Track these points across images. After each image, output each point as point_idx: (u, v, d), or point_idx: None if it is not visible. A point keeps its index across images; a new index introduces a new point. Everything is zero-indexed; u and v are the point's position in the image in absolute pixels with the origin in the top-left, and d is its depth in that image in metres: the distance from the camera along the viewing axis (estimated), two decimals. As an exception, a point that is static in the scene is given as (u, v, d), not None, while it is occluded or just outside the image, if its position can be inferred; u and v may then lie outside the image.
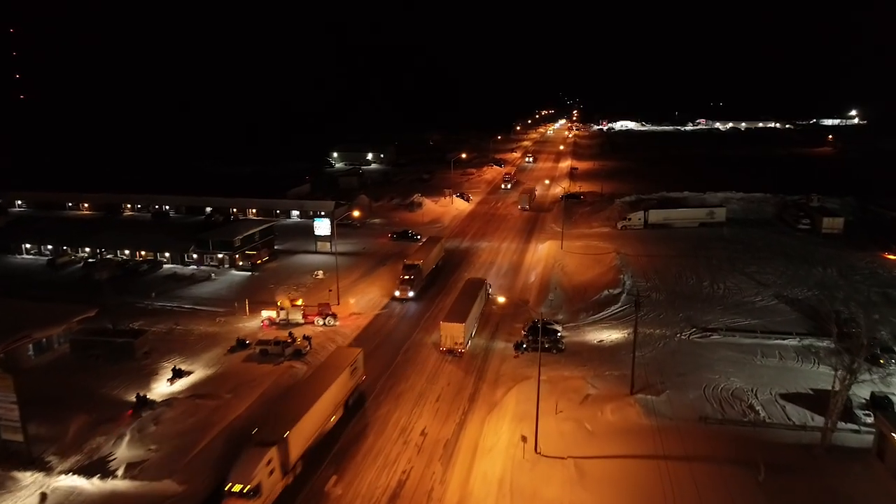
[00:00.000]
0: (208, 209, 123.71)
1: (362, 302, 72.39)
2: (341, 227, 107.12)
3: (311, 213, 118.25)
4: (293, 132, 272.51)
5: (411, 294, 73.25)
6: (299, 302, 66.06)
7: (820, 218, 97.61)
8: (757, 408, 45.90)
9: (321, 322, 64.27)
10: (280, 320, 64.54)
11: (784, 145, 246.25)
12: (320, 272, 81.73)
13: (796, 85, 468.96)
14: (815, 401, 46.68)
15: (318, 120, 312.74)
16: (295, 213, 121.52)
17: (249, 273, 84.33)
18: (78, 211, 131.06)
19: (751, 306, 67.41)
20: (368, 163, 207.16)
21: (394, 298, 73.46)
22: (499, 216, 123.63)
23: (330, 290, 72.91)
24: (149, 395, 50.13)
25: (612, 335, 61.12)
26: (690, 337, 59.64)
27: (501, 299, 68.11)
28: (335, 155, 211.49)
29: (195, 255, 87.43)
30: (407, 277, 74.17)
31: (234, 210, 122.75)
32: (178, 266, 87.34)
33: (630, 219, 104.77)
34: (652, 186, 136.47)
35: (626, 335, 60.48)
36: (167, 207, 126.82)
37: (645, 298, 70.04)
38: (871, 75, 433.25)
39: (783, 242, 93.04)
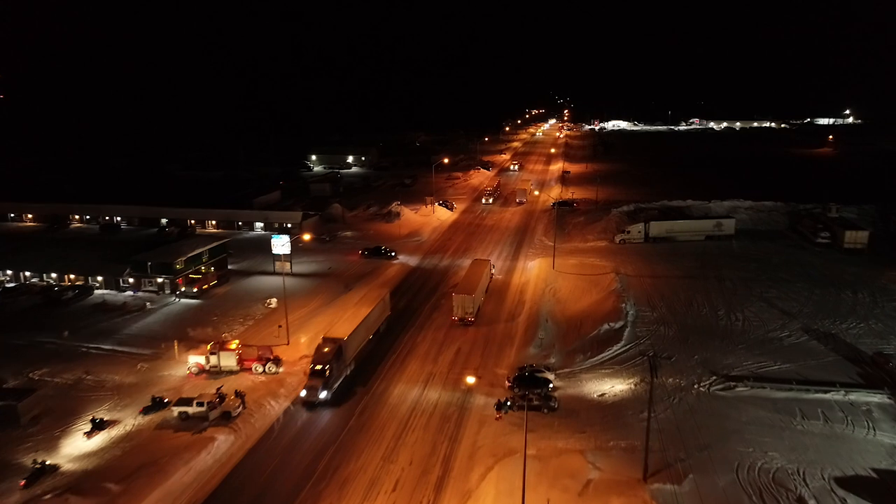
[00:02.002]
0: (163, 221, 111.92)
1: (319, 340, 60.67)
2: (308, 243, 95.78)
3: (277, 224, 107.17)
4: (271, 133, 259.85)
5: (323, 395, 47.16)
6: (234, 345, 54.17)
7: (841, 231, 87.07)
8: (809, 502, 35.13)
9: (261, 370, 52.71)
10: (210, 367, 52.95)
11: (783, 146, 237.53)
12: (273, 300, 70.01)
13: (790, 84, 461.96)
14: (883, 490, 36.13)
15: (299, 120, 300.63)
16: (259, 224, 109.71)
17: (193, 301, 72.62)
18: (21, 223, 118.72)
19: (777, 344, 56.83)
20: (349, 166, 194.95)
21: (298, 400, 48.56)
22: (484, 227, 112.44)
23: (280, 326, 61.49)
24: (51, 461, 40.48)
25: (615, 386, 50.14)
26: (711, 389, 48.86)
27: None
28: (314, 157, 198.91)
29: (131, 280, 75.63)
30: (319, 368, 47.61)
31: (192, 222, 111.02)
32: (112, 292, 75.47)
33: (629, 231, 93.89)
34: (650, 192, 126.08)
35: (631, 386, 49.69)
36: (118, 219, 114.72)
37: (652, 333, 59.58)
38: (869, 74, 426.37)
39: (802, 260, 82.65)
